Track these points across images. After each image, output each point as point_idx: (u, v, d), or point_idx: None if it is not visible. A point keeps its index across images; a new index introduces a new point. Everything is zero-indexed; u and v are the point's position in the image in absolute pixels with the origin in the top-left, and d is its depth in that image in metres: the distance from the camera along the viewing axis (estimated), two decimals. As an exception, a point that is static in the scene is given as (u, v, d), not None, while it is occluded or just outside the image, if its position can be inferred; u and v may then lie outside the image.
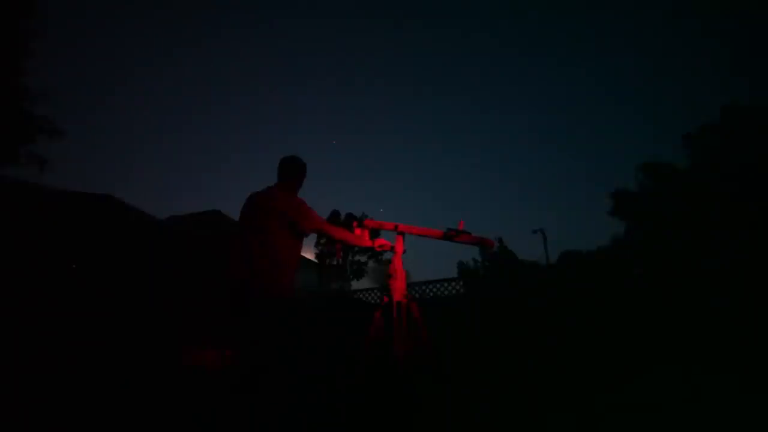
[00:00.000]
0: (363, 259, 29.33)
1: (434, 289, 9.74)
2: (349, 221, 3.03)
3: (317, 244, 27.38)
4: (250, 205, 2.23)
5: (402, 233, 2.55)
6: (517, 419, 2.23)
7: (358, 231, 2.61)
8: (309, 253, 27.26)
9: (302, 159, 2.46)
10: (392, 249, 2.55)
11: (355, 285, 27.91)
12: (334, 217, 27.90)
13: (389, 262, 2.62)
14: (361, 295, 11.10)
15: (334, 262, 27.89)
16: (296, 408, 2.41)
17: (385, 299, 2.42)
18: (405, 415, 2.15)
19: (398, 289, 2.40)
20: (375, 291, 10.89)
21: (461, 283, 9.91)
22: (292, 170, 2.39)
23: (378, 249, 2.60)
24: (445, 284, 9.73)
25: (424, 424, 2.14)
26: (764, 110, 16.45)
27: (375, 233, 2.69)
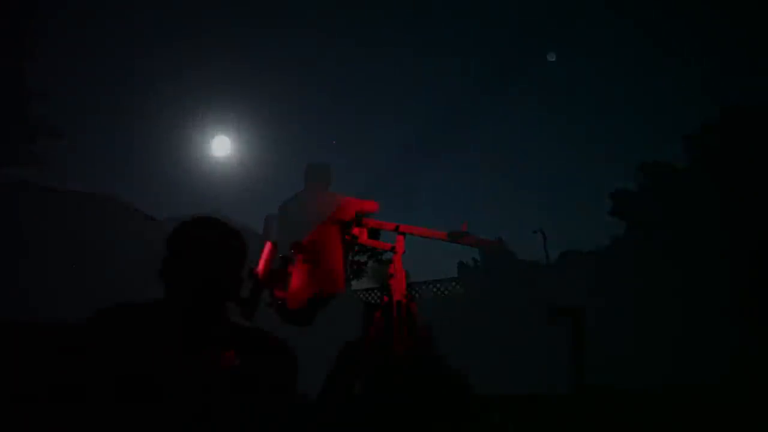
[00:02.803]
0: (363, 259, 29.30)
1: (434, 289, 9.74)
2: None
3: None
4: None
5: (403, 233, 2.55)
6: (516, 419, 2.23)
7: (356, 230, 2.60)
8: (309, 253, 27.19)
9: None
10: (393, 249, 2.54)
11: (355, 285, 27.89)
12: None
13: (389, 262, 2.62)
14: (361, 295, 11.09)
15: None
16: (297, 408, 2.41)
17: (385, 299, 2.42)
18: (405, 415, 2.15)
19: (398, 288, 2.39)
20: (375, 291, 10.87)
21: (461, 283, 9.89)
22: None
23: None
24: (445, 284, 9.73)
25: (424, 424, 2.13)
26: (764, 110, 16.44)
27: (374, 233, 2.69)
